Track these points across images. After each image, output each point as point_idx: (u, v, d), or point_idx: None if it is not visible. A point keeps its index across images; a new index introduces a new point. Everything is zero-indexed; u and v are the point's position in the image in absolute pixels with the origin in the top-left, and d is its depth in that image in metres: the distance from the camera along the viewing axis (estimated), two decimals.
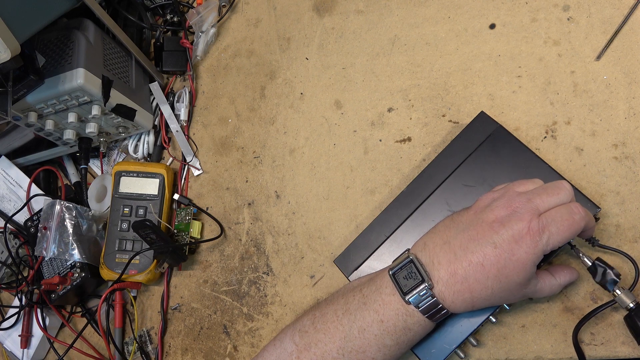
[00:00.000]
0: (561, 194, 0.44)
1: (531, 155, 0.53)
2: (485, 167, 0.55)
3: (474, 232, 0.43)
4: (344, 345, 0.47)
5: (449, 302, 0.44)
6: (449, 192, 0.55)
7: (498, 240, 0.42)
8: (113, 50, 0.71)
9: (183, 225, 0.69)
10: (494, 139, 0.55)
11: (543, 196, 0.43)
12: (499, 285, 0.43)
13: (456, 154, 0.56)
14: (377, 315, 0.46)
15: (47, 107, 0.65)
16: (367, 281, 0.50)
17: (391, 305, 0.45)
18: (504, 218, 0.43)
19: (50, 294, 0.69)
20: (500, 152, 0.54)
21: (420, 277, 0.44)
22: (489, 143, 0.55)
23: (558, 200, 0.43)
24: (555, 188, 0.44)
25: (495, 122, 0.56)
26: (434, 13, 0.66)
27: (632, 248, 0.51)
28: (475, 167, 0.55)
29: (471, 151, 0.56)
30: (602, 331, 0.49)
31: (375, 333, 0.46)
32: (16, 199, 0.79)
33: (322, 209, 0.65)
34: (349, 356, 0.47)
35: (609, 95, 0.56)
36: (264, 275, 0.66)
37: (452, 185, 0.55)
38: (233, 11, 0.78)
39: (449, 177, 0.56)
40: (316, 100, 0.69)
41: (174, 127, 0.75)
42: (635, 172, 0.53)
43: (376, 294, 0.47)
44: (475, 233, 0.43)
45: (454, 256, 0.44)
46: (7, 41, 0.51)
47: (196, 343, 0.67)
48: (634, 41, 0.56)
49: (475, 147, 0.55)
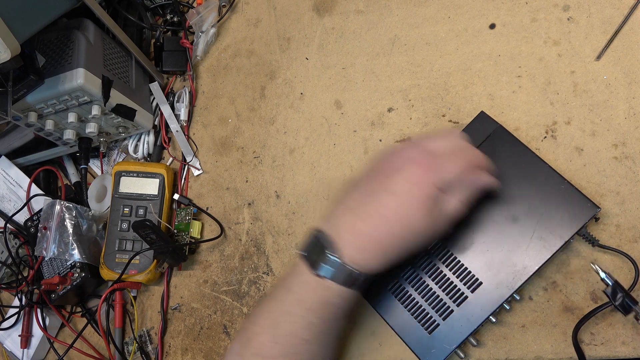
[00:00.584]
0: (451, 136, 0.45)
1: (531, 155, 0.53)
2: None
3: (370, 187, 0.43)
4: (275, 333, 0.47)
5: (362, 263, 0.43)
6: None
7: (394, 187, 0.42)
8: (113, 50, 0.71)
9: (183, 225, 0.69)
10: (493, 139, 0.55)
11: (436, 140, 0.44)
12: (407, 231, 0.43)
13: None
14: (297, 296, 0.46)
15: (47, 107, 0.65)
16: (282, 278, 0.50)
17: (309, 284, 0.45)
18: (398, 165, 0.43)
19: (50, 294, 0.69)
20: (500, 152, 0.54)
21: (324, 248, 0.44)
22: (489, 143, 0.55)
23: (450, 143, 0.45)
24: (446, 131, 0.46)
25: (495, 122, 0.56)
26: (434, 13, 0.66)
27: (632, 248, 0.51)
28: None
29: None
30: (602, 331, 0.49)
31: (300, 314, 0.46)
32: (16, 199, 0.79)
33: (322, 209, 0.65)
34: (282, 341, 0.46)
35: (609, 95, 0.56)
36: (264, 275, 0.66)
37: None
38: (233, 11, 0.78)
39: None
40: (316, 100, 0.69)
41: (174, 127, 0.75)
42: (635, 172, 0.53)
43: (293, 277, 0.47)
44: (372, 187, 0.43)
45: (354, 216, 0.43)
46: (7, 41, 0.51)
47: (196, 343, 0.67)
48: (634, 41, 0.56)
49: (475, 147, 0.55)
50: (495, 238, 0.51)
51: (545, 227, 0.49)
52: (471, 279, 0.51)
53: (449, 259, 0.52)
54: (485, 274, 0.50)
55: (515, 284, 0.49)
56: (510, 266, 0.50)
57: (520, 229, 0.50)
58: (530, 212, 0.50)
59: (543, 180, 0.51)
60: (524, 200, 0.51)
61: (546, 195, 0.50)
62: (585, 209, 0.49)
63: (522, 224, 0.50)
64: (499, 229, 0.51)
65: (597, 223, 0.52)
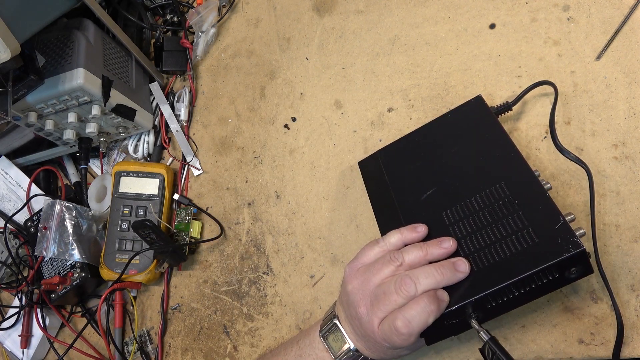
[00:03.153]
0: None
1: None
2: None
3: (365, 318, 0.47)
4: None
5: (369, 353, 0.49)
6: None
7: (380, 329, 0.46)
8: (113, 50, 0.71)
9: (183, 225, 0.69)
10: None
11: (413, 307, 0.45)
12: (392, 352, 0.48)
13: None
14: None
15: (47, 107, 0.65)
16: (303, 335, 0.54)
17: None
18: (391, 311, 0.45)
19: (50, 294, 0.69)
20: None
21: (345, 342, 0.49)
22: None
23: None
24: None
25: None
26: (434, 13, 0.66)
27: (632, 248, 0.51)
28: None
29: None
30: (602, 331, 0.49)
31: None
32: (16, 199, 0.79)
33: (322, 209, 0.65)
34: None
35: (609, 95, 0.56)
36: (264, 275, 0.66)
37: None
38: (233, 11, 0.78)
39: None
40: (316, 100, 0.69)
41: (174, 127, 0.75)
42: (635, 172, 0.53)
43: (310, 349, 0.52)
44: (367, 321, 0.47)
45: (362, 331, 0.48)
46: (7, 41, 0.51)
47: (196, 343, 0.67)
48: (634, 41, 0.56)
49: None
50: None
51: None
52: None
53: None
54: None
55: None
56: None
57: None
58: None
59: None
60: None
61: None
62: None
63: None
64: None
65: (598, 223, 0.52)
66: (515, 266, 0.43)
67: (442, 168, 0.54)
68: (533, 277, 0.42)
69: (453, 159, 0.54)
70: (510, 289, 0.43)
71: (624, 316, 0.49)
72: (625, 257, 0.50)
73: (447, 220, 0.49)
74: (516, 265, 0.43)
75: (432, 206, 0.52)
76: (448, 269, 0.45)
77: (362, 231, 0.62)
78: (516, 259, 0.43)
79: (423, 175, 0.55)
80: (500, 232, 0.46)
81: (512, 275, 0.42)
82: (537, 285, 0.43)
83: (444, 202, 0.51)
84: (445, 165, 0.54)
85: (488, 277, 0.44)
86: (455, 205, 0.50)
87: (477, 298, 0.43)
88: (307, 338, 0.53)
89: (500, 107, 0.57)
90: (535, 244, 0.43)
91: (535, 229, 0.44)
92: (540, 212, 0.44)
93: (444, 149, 0.55)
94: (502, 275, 0.43)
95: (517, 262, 0.43)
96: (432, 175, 0.54)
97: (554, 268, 0.41)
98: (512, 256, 0.44)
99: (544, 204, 0.45)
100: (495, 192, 0.48)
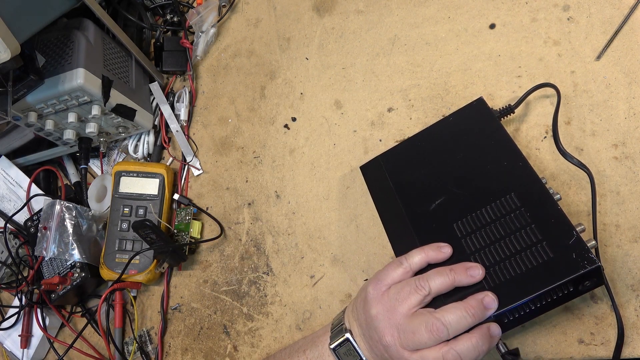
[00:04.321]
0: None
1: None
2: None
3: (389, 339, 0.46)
4: None
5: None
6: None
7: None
8: (113, 50, 0.71)
9: (183, 225, 0.69)
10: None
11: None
12: None
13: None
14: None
15: (47, 107, 0.65)
16: (310, 344, 0.54)
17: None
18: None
19: (50, 294, 0.69)
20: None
21: (360, 358, 0.49)
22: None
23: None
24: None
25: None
26: (434, 13, 0.66)
27: (632, 248, 0.51)
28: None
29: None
30: (602, 331, 0.49)
31: None
32: (16, 199, 0.79)
33: (322, 209, 0.65)
34: None
35: (609, 95, 0.56)
36: (264, 275, 0.66)
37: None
38: (233, 11, 0.78)
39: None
40: (316, 100, 0.69)
41: (174, 127, 0.75)
42: (635, 172, 0.53)
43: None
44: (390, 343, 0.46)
45: (386, 356, 0.47)
46: (7, 41, 0.51)
47: (196, 343, 0.67)
48: (634, 41, 0.56)
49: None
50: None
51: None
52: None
53: None
54: None
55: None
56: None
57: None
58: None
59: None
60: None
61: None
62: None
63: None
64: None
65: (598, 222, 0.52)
66: (533, 282, 0.43)
67: (449, 176, 0.53)
68: (550, 292, 0.43)
69: (459, 166, 0.53)
70: (528, 303, 0.43)
71: (624, 316, 0.48)
72: (625, 257, 0.50)
73: (458, 233, 0.49)
74: (534, 281, 0.43)
75: (442, 217, 0.51)
76: (479, 310, 0.44)
77: (362, 231, 0.62)
78: (533, 274, 0.44)
79: (429, 183, 0.54)
80: (514, 246, 0.46)
81: (532, 291, 0.43)
82: (552, 299, 0.44)
83: (454, 213, 0.50)
84: (451, 172, 0.53)
85: (507, 293, 0.44)
86: (466, 217, 0.50)
87: (496, 314, 0.44)
88: (315, 349, 0.52)
89: (503, 110, 0.56)
90: (550, 259, 0.44)
91: (549, 244, 0.44)
92: (553, 225, 0.45)
93: (449, 155, 0.55)
94: (521, 291, 0.43)
95: (535, 278, 0.43)
96: (439, 183, 0.54)
97: (570, 283, 0.42)
98: (529, 271, 0.44)
99: (556, 217, 0.45)
100: (506, 203, 0.48)
